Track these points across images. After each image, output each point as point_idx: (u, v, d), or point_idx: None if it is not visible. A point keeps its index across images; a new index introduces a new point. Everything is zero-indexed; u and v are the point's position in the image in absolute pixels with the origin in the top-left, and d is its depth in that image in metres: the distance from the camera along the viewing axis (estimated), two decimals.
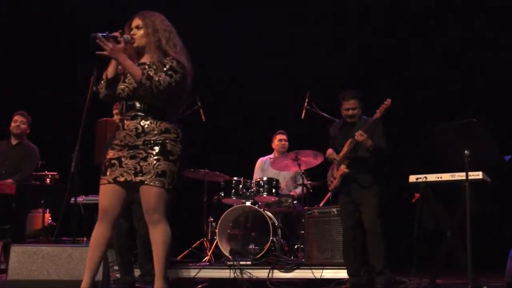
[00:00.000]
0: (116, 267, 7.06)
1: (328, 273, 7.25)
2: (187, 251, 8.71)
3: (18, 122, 8.03)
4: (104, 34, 4.61)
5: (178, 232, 8.99)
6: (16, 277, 6.23)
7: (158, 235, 4.65)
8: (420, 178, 6.60)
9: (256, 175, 9.16)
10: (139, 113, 4.68)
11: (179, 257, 8.59)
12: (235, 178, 8.55)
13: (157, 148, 4.63)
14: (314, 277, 7.30)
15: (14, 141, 8.02)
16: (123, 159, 4.64)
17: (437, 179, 6.52)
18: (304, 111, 8.27)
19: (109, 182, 4.66)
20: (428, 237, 6.84)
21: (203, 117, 8.54)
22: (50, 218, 8.82)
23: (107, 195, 4.68)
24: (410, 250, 6.92)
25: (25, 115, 8.08)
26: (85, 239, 7.87)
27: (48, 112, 8.30)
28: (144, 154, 4.61)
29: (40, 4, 11.13)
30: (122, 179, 4.62)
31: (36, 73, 10.67)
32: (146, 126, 4.65)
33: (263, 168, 9.22)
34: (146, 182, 4.58)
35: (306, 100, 8.28)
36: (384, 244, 6.62)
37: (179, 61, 4.71)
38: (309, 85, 8.69)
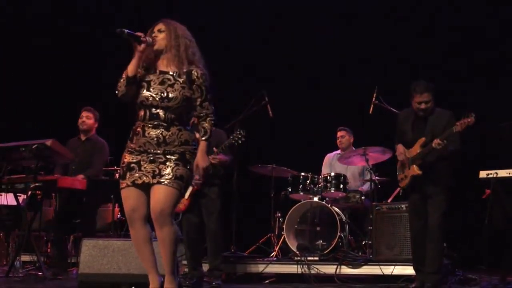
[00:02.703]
0: (184, 261, 7.12)
1: (396, 270, 7.18)
2: (254, 246, 8.76)
3: (84, 117, 8.06)
4: (130, 31, 4.69)
5: (246, 227, 9.17)
6: (87, 270, 6.35)
7: (166, 235, 4.71)
8: (491, 173, 6.47)
9: (324, 170, 9.11)
10: (162, 123, 4.73)
11: (247, 252, 8.64)
12: (302, 174, 8.53)
13: (176, 155, 4.71)
14: (382, 274, 7.24)
15: (83, 137, 8.09)
16: (142, 162, 4.71)
17: (508, 175, 6.39)
18: (372, 106, 8.18)
19: (128, 186, 4.73)
20: (498, 234, 6.72)
21: (270, 112, 8.52)
22: (119, 213, 8.97)
23: (131, 196, 4.74)
24: (480, 247, 6.81)
25: (92, 111, 8.12)
26: (153, 233, 7.94)
27: (117, 107, 8.34)
28: (164, 159, 4.69)
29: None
30: (140, 181, 4.69)
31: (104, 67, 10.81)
32: (167, 136, 4.71)
33: (331, 163, 9.18)
34: (164, 183, 4.63)
35: (374, 95, 8.18)
36: (443, 243, 6.51)
37: (205, 74, 4.84)
38: (378, 81, 8.59)
